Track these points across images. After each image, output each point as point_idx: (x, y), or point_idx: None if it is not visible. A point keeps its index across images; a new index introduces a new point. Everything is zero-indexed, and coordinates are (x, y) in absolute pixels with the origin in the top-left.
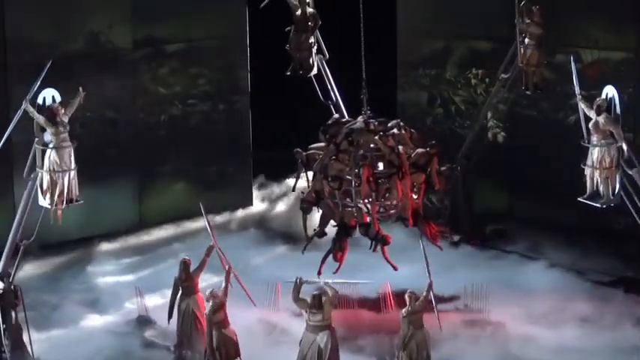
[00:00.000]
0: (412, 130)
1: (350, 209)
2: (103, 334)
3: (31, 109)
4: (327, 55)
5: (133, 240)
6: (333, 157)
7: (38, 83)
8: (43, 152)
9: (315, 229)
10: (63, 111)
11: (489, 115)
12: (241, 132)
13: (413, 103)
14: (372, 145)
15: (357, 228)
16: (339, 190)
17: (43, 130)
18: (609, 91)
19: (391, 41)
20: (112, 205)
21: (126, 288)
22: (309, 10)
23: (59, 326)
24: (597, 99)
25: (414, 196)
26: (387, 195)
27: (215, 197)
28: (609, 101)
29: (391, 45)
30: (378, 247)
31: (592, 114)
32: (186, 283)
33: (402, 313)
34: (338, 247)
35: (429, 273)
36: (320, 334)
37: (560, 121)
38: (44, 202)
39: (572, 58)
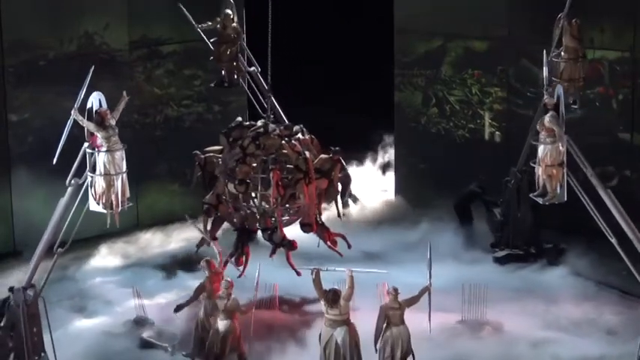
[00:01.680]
0: (312, 136)
1: (253, 213)
2: (100, 335)
3: (80, 117)
4: (259, 68)
5: (129, 240)
6: (240, 161)
7: (84, 90)
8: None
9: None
10: (110, 114)
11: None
12: None
13: (408, 103)
14: (278, 150)
15: (261, 233)
16: (245, 194)
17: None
18: (558, 90)
19: (389, 41)
20: None
21: (123, 288)
22: (233, 24)
23: (56, 327)
24: (545, 97)
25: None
26: (292, 200)
27: None
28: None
29: (389, 45)
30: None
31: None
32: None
33: (381, 306)
34: (240, 252)
35: (430, 276)
36: (338, 329)
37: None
38: (97, 206)
39: (544, 52)
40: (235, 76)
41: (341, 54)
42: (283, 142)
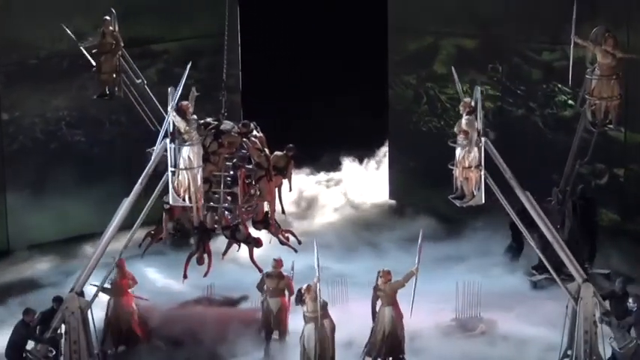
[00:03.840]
0: (261, 134)
1: (211, 212)
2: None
3: (178, 118)
4: (145, 80)
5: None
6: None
7: (180, 90)
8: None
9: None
10: (191, 109)
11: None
12: None
13: (400, 101)
14: (239, 148)
15: (222, 231)
16: (207, 192)
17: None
18: (476, 93)
19: (383, 40)
20: (99, 203)
21: None
22: (113, 32)
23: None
24: (465, 98)
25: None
26: (252, 198)
27: None
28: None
29: (383, 44)
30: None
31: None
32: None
33: (373, 287)
34: (201, 251)
35: (418, 261)
36: (307, 325)
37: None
38: (180, 200)
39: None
40: (117, 88)
41: (334, 52)
42: (244, 139)
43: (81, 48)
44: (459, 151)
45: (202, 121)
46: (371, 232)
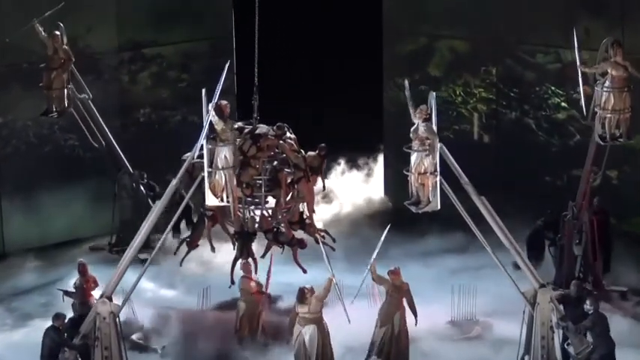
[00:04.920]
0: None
1: (252, 216)
2: None
3: (216, 118)
4: (91, 95)
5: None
6: (243, 164)
7: (219, 91)
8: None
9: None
10: (229, 109)
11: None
12: None
13: (394, 103)
14: (277, 151)
15: (264, 235)
16: (249, 197)
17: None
18: (431, 97)
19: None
20: (91, 206)
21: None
22: (63, 46)
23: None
24: (422, 105)
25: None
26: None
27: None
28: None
29: (378, 46)
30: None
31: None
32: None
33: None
34: (246, 255)
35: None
36: (306, 326)
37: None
38: (216, 200)
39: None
40: (67, 104)
41: (329, 55)
42: (281, 142)
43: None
44: (414, 157)
45: (237, 126)
46: (366, 234)
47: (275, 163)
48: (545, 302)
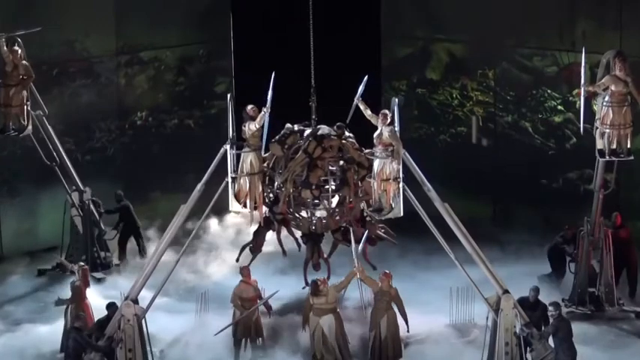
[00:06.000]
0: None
1: (319, 217)
2: None
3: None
4: (47, 111)
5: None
6: (310, 165)
7: (270, 93)
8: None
9: (250, 245)
10: (260, 115)
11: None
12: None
13: (390, 105)
14: (340, 150)
15: (332, 234)
16: (318, 198)
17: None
18: (394, 103)
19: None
20: None
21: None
22: (22, 62)
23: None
24: (383, 110)
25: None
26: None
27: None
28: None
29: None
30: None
31: (379, 124)
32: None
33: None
34: (316, 257)
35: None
36: (324, 317)
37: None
38: (238, 207)
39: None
40: (26, 122)
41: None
42: (343, 141)
43: None
44: (377, 163)
45: (296, 128)
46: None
47: (341, 162)
48: (508, 308)
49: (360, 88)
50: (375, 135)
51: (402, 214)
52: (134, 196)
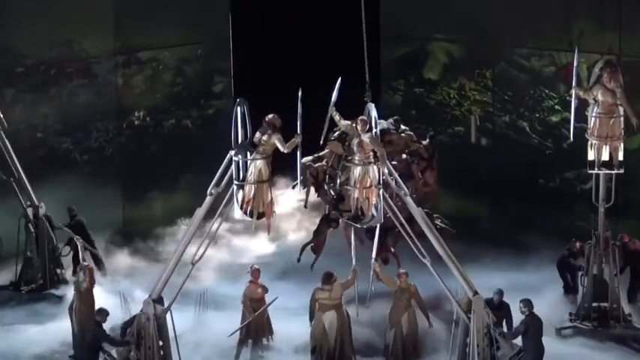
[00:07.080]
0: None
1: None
2: None
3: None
4: (6, 125)
5: (116, 245)
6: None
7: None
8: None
9: (311, 245)
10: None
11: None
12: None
13: (388, 106)
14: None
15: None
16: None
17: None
18: (371, 109)
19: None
20: (90, 210)
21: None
22: None
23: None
24: (361, 117)
25: None
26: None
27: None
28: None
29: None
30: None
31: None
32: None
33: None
34: (385, 250)
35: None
36: (327, 312)
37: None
38: (241, 214)
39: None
40: None
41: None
42: (402, 134)
43: None
44: (358, 171)
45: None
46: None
47: (406, 156)
48: (480, 309)
49: (334, 95)
50: (355, 142)
51: (382, 221)
52: (132, 195)
